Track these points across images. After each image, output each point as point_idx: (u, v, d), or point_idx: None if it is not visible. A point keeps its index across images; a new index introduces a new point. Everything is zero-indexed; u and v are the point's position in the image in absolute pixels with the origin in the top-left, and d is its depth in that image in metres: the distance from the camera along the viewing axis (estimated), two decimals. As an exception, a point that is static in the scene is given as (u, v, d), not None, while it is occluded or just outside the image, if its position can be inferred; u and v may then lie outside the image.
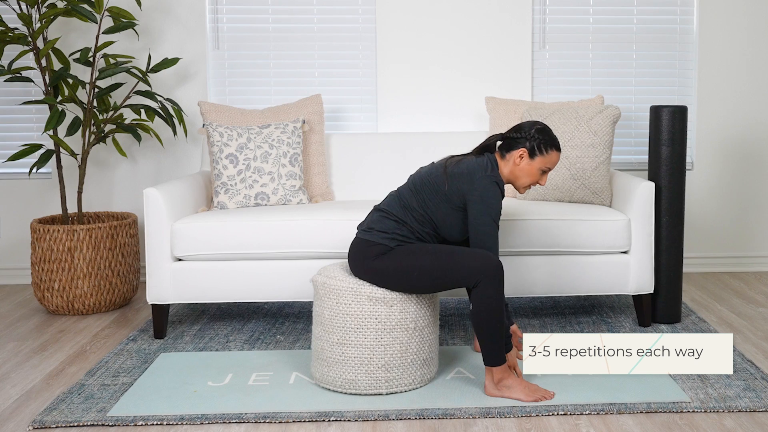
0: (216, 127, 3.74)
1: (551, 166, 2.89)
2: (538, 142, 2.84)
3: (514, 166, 2.87)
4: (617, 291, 3.46)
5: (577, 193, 3.69)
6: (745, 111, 4.49)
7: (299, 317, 3.75)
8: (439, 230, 2.85)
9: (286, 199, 3.74)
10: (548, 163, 2.87)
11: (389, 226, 2.82)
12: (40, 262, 3.83)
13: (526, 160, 2.86)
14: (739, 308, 3.84)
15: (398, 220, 2.83)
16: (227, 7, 4.39)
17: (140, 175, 4.44)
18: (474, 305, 2.70)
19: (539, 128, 2.86)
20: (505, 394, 2.73)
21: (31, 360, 3.22)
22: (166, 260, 3.39)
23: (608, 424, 2.55)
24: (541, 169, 2.88)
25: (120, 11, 3.93)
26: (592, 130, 3.67)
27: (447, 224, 2.82)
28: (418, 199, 2.83)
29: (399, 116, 4.40)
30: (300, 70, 4.43)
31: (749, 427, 2.52)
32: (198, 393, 2.81)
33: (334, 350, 2.78)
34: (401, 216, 2.83)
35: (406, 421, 2.59)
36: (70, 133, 3.85)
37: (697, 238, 4.55)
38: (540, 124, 2.88)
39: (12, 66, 4.03)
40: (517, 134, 2.86)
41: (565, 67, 4.46)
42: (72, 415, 2.64)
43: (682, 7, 4.45)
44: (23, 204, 4.45)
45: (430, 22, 4.38)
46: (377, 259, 2.78)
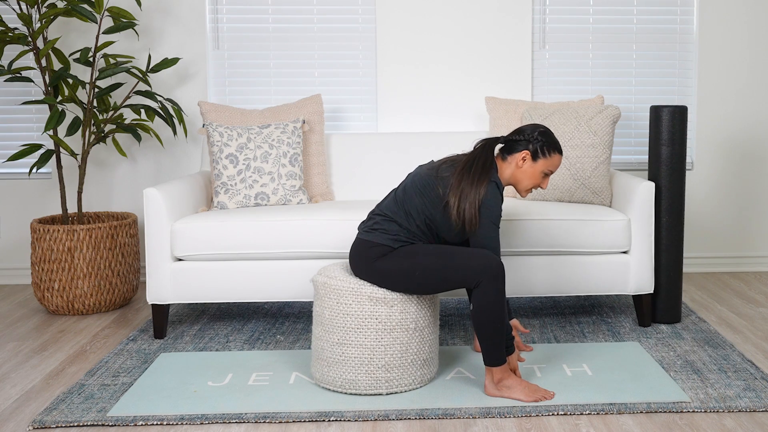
0: (216, 127, 3.74)
1: (553, 168, 2.89)
2: (541, 144, 2.85)
3: (516, 168, 2.87)
4: (617, 291, 3.46)
5: (577, 193, 3.69)
6: (745, 111, 4.49)
7: (299, 317, 3.75)
8: (439, 233, 2.85)
9: (286, 199, 3.74)
10: (550, 166, 2.88)
11: (391, 228, 2.82)
12: (40, 262, 3.83)
13: (529, 162, 2.86)
14: (739, 308, 3.84)
15: (399, 222, 2.82)
16: (227, 7, 4.39)
17: (140, 175, 4.44)
18: (475, 305, 2.70)
19: (542, 131, 2.87)
20: (505, 394, 2.73)
21: (31, 360, 3.22)
22: (166, 260, 3.40)
23: (608, 424, 2.55)
24: (543, 172, 2.88)
25: (120, 11, 3.93)
26: (592, 130, 3.67)
27: (446, 228, 2.82)
28: (416, 203, 2.82)
29: (399, 116, 4.40)
30: (300, 70, 4.43)
31: (749, 427, 2.52)
32: (198, 393, 2.81)
33: (335, 350, 2.78)
34: (402, 219, 2.83)
35: (406, 421, 2.59)
36: (70, 133, 3.86)
37: (697, 238, 4.56)
38: (542, 127, 2.88)
39: (12, 66, 4.04)
40: (519, 137, 2.86)
41: (565, 67, 4.46)
42: (72, 415, 2.64)
43: (682, 7, 4.45)
44: (23, 204, 4.45)
45: (430, 22, 4.38)
46: (379, 259, 2.78)
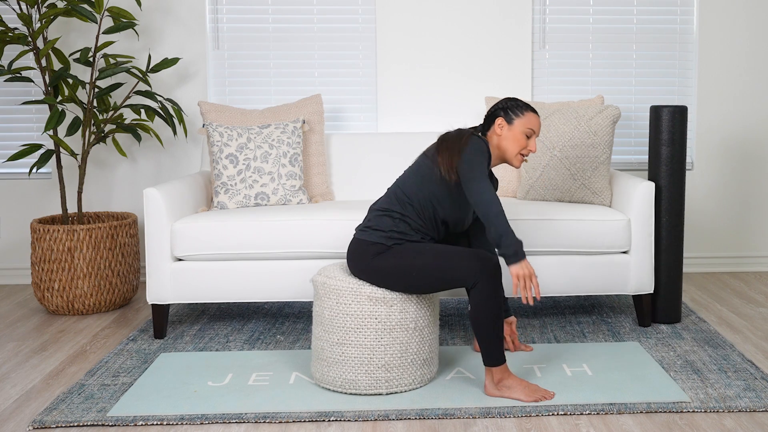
0: (216, 127, 3.74)
1: (533, 127, 2.93)
2: (510, 106, 2.95)
3: (497, 137, 2.94)
4: (617, 291, 3.46)
5: (577, 193, 3.69)
6: (745, 111, 4.49)
7: (299, 317, 3.75)
8: (437, 209, 2.84)
9: (286, 199, 3.74)
10: (528, 124, 2.93)
11: (386, 224, 2.82)
12: (40, 262, 3.83)
13: (506, 127, 2.93)
14: (739, 308, 3.84)
15: (396, 215, 2.83)
16: (227, 7, 4.39)
17: (140, 175, 4.44)
18: (472, 306, 2.70)
19: (508, 98, 2.99)
20: (505, 394, 2.73)
21: (31, 360, 3.22)
22: (166, 260, 3.40)
23: (608, 424, 2.55)
24: (523, 133, 2.93)
25: (120, 11, 3.93)
26: (592, 130, 3.67)
27: (442, 195, 2.83)
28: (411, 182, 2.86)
29: (399, 116, 4.40)
30: (300, 70, 4.43)
31: (749, 427, 2.52)
32: (198, 393, 2.81)
33: (334, 350, 2.78)
34: (399, 210, 2.83)
35: (406, 421, 2.59)
36: (70, 133, 3.86)
37: (697, 238, 4.56)
38: (509, 97, 3.00)
39: (12, 66, 4.04)
40: (489, 113, 2.99)
41: (565, 67, 4.46)
42: (72, 415, 2.64)
43: (682, 7, 4.45)
44: (23, 204, 4.45)
45: (430, 22, 4.38)
46: (375, 258, 2.78)
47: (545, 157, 3.73)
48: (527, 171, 3.82)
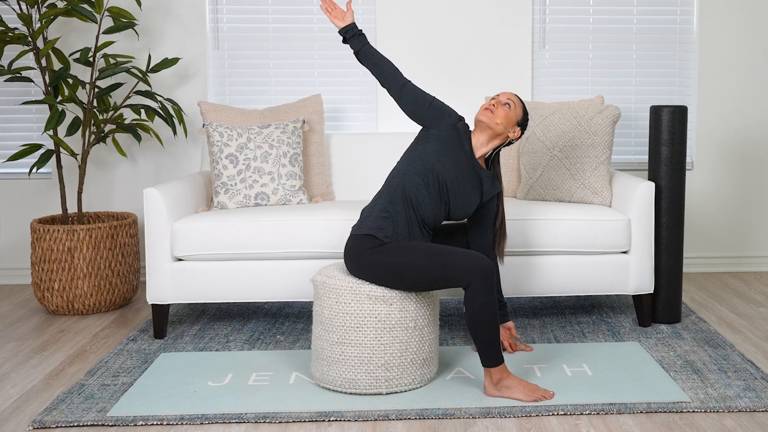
0: (216, 127, 3.74)
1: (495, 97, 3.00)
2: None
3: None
4: (617, 291, 3.46)
5: (577, 193, 3.69)
6: (745, 111, 4.49)
7: (299, 317, 3.75)
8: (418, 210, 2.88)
9: (286, 199, 3.74)
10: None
11: (372, 213, 2.89)
12: (40, 262, 3.83)
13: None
14: (739, 308, 3.84)
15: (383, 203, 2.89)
16: (227, 7, 4.39)
17: (140, 175, 4.44)
18: (467, 307, 2.70)
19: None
20: (504, 394, 2.73)
21: (31, 360, 3.22)
22: (166, 260, 3.40)
23: (608, 424, 2.55)
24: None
25: (120, 11, 3.93)
26: (592, 130, 3.67)
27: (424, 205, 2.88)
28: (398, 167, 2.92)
29: (399, 116, 4.40)
30: (300, 70, 4.43)
31: (749, 427, 2.52)
32: (198, 393, 2.81)
33: (334, 349, 2.78)
34: (384, 197, 2.90)
35: (406, 421, 2.59)
36: (70, 133, 3.86)
37: (697, 238, 4.56)
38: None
39: (12, 66, 4.04)
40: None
41: (565, 67, 4.46)
42: (72, 415, 2.64)
43: (682, 7, 4.45)
44: (23, 204, 4.45)
45: (430, 22, 4.38)
46: (371, 252, 2.78)
47: (545, 157, 3.73)
48: (527, 171, 3.82)
